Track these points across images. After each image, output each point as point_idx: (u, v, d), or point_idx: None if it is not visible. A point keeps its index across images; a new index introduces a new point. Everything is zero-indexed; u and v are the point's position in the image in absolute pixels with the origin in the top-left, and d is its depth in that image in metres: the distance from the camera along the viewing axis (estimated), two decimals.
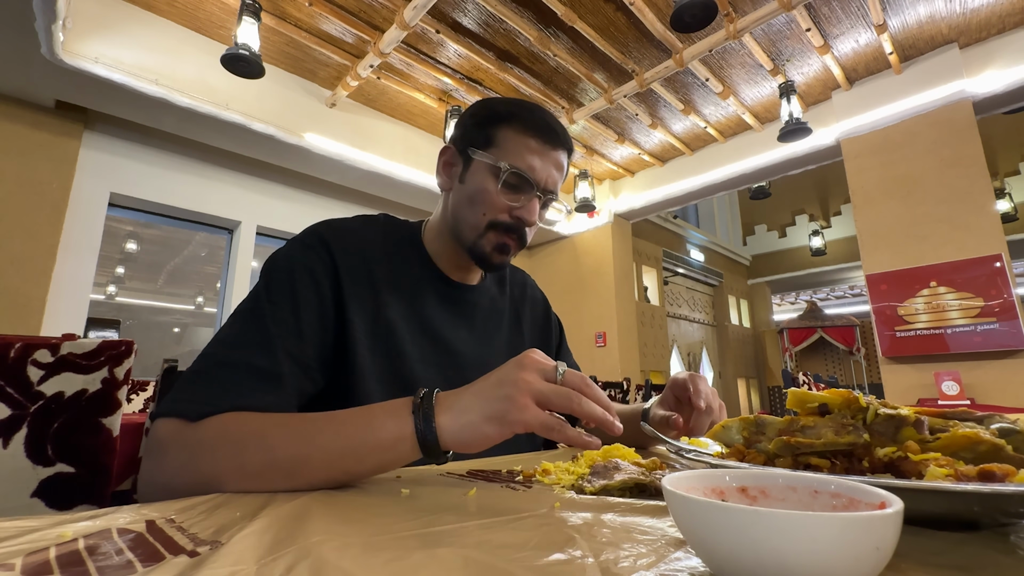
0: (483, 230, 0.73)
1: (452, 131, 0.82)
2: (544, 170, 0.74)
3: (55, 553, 0.28)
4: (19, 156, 2.85)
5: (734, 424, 0.49)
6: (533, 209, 0.73)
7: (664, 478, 0.28)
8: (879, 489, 0.26)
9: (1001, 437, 0.38)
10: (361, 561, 0.27)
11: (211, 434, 0.50)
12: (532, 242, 5.68)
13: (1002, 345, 3.00)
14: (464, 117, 0.79)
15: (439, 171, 0.80)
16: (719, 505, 0.23)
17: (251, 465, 0.48)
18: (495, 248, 0.74)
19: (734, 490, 0.30)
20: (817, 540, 0.21)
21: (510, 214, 0.73)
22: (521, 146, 0.73)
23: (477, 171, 0.74)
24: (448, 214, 0.78)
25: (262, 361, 0.57)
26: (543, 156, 0.74)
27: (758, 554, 0.22)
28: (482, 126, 0.75)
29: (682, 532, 0.27)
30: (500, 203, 0.72)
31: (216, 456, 0.49)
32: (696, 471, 0.31)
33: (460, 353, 0.76)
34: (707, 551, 0.24)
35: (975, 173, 3.19)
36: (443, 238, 0.79)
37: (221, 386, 0.54)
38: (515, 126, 0.74)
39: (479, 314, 0.82)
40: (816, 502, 0.28)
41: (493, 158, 0.72)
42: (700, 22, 2.36)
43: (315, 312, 0.63)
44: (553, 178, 0.75)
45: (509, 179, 0.72)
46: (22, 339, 0.69)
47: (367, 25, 3.02)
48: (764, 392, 8.23)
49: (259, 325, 0.59)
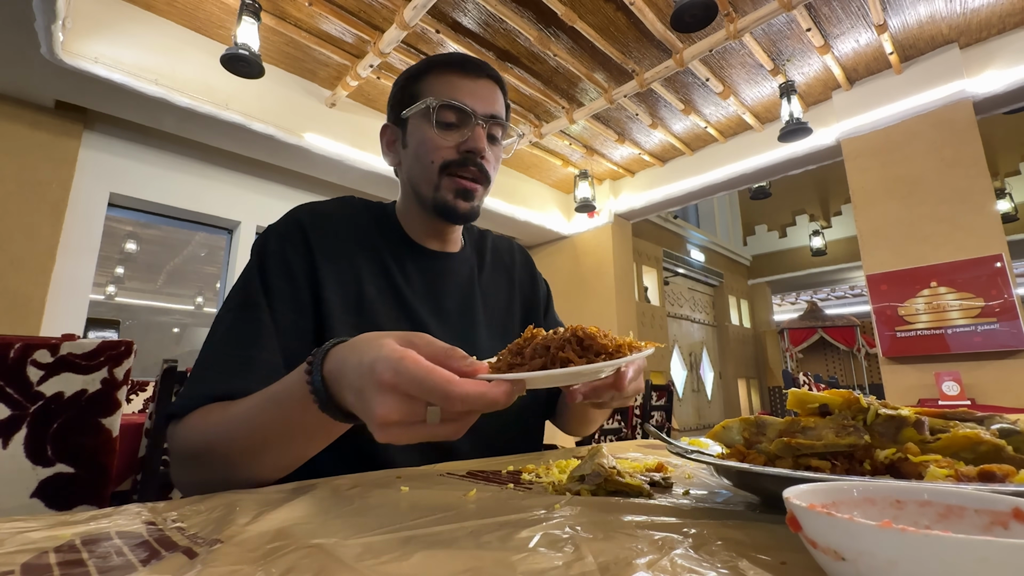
0: (437, 178, 0.73)
1: (387, 114, 0.81)
2: (474, 95, 0.73)
3: (55, 554, 0.28)
4: (19, 156, 2.85)
5: (735, 425, 0.48)
6: (478, 136, 0.72)
7: (791, 498, 0.24)
8: (1001, 495, 0.24)
9: (1002, 438, 0.38)
10: (361, 561, 0.27)
11: (185, 436, 0.55)
12: (532, 242, 5.68)
13: (1003, 345, 3.00)
14: (391, 93, 0.80)
15: (384, 152, 0.81)
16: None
17: (216, 468, 0.52)
18: (456, 194, 0.73)
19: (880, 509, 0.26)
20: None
21: (457, 150, 0.72)
22: (444, 84, 0.73)
23: (414, 127, 0.75)
24: (406, 185, 0.79)
25: (238, 353, 0.60)
26: (470, 86, 0.73)
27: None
28: (405, 87, 0.76)
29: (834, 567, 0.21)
30: (443, 142, 0.72)
31: (189, 458, 0.55)
32: (819, 485, 0.27)
33: (438, 321, 0.76)
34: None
35: (975, 173, 3.19)
36: (411, 211, 0.79)
37: (201, 382, 0.58)
38: (433, 72, 0.74)
39: (459, 281, 0.82)
40: (965, 520, 0.25)
41: (423, 105, 0.72)
42: (700, 22, 2.36)
43: (288, 301, 0.65)
44: (487, 101, 0.74)
45: (442, 116, 0.71)
46: (22, 339, 0.69)
47: (367, 25, 3.02)
48: (764, 392, 8.23)
49: (236, 320, 0.62)
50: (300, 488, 0.47)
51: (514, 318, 0.89)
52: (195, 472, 0.55)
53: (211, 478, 0.52)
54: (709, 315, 7.64)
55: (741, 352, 7.89)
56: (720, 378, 7.45)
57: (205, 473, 0.53)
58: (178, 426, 0.56)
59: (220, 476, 0.52)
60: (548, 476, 0.53)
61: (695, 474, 0.57)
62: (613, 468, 0.48)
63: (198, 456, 0.53)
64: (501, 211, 4.70)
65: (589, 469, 0.48)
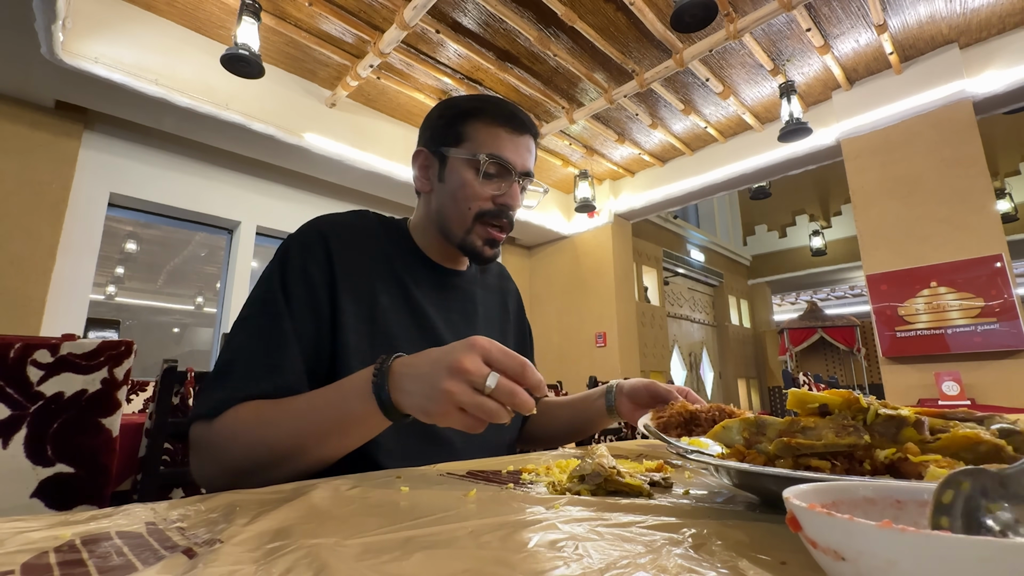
0: (471, 223, 0.77)
1: (420, 134, 0.85)
2: (518, 155, 0.78)
3: (55, 554, 0.28)
4: (19, 156, 2.85)
5: (735, 425, 0.48)
6: (515, 194, 0.78)
7: (791, 498, 0.23)
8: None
9: (1001, 438, 0.38)
10: (361, 561, 0.27)
11: (225, 432, 0.58)
12: (532, 242, 5.68)
13: (1002, 345, 3.00)
14: (431, 119, 0.82)
15: (416, 175, 0.83)
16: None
17: (261, 457, 0.56)
18: (485, 242, 0.78)
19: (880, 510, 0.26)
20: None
21: (494, 202, 0.77)
22: (493, 136, 0.76)
23: (455, 168, 0.77)
24: (432, 213, 0.81)
25: (265, 358, 0.63)
26: (514, 142, 0.77)
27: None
28: (452, 124, 0.78)
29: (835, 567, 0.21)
30: (483, 193, 0.76)
31: (232, 454, 0.57)
32: (820, 486, 0.27)
33: (448, 334, 0.79)
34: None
35: (975, 173, 3.19)
36: (429, 234, 0.82)
37: (232, 384, 0.61)
38: (483, 119, 0.77)
39: (467, 297, 0.86)
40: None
41: (469, 152, 0.76)
42: (700, 22, 2.36)
43: (310, 312, 0.68)
44: (527, 161, 0.79)
45: (488, 168, 0.75)
46: (22, 339, 0.69)
47: (367, 25, 3.02)
48: (764, 392, 8.23)
49: (261, 326, 0.65)
50: (300, 488, 0.47)
51: (507, 336, 0.95)
52: (229, 466, 0.57)
53: (247, 470, 0.56)
54: (709, 315, 7.64)
55: (741, 352, 7.89)
56: (720, 378, 7.45)
57: (242, 466, 0.56)
58: (213, 424, 0.58)
59: (259, 469, 0.56)
60: (548, 476, 0.53)
61: (695, 474, 0.57)
62: (613, 468, 0.48)
63: (242, 449, 0.56)
64: None
65: (589, 469, 0.48)
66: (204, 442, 0.59)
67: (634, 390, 0.81)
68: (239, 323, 0.66)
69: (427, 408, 0.49)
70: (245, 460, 0.56)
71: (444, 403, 0.48)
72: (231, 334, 0.66)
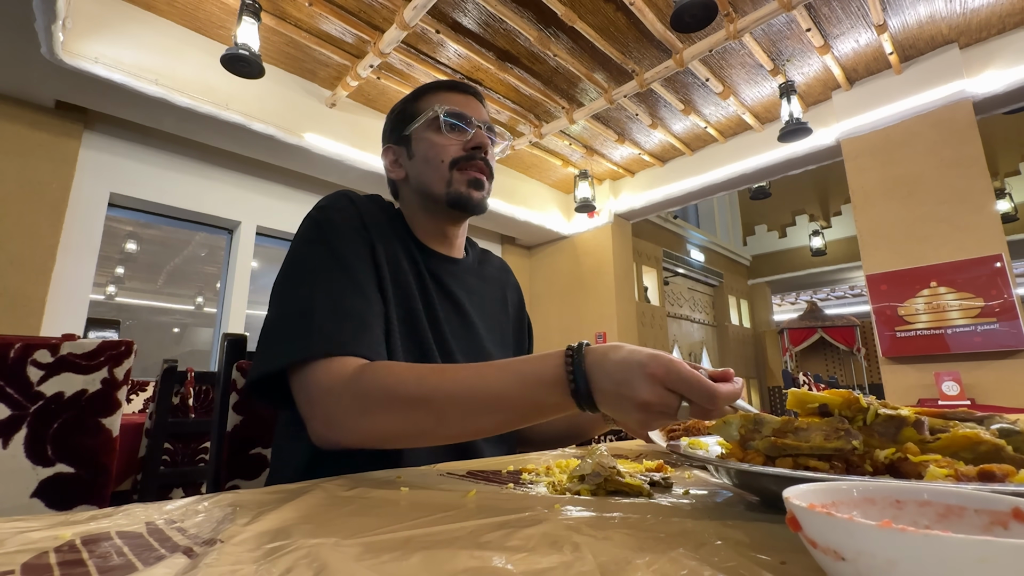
0: (449, 174, 0.80)
1: (383, 139, 0.90)
2: (470, 108, 0.83)
3: (55, 554, 0.28)
4: (19, 156, 2.85)
5: (734, 420, 0.48)
6: (481, 135, 0.81)
7: (791, 498, 0.24)
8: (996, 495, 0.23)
9: (1001, 437, 0.38)
10: (361, 561, 0.27)
11: (378, 390, 0.56)
12: (532, 242, 5.68)
13: (1002, 345, 3.00)
14: (388, 119, 0.88)
15: (389, 171, 0.87)
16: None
17: (422, 425, 0.55)
18: (469, 184, 0.80)
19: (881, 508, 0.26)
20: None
21: (464, 148, 0.80)
22: (442, 99, 0.82)
23: (419, 138, 0.82)
24: (414, 192, 0.84)
25: (368, 312, 0.65)
26: (464, 99, 0.83)
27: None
28: (404, 110, 0.85)
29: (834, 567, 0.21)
30: (451, 143, 0.80)
31: (390, 416, 0.55)
32: (817, 485, 0.27)
33: (440, 316, 0.80)
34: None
35: (975, 173, 3.19)
36: (419, 217, 0.84)
37: (351, 331, 0.61)
38: (429, 92, 0.84)
39: (460, 284, 0.87)
40: (964, 520, 0.25)
41: (426, 117, 0.81)
42: (700, 22, 2.36)
43: (369, 267, 0.70)
44: (481, 113, 0.84)
45: (448, 121, 0.80)
46: (22, 339, 0.69)
47: (367, 25, 3.02)
48: (764, 392, 8.23)
49: (344, 278, 0.66)
50: (300, 488, 0.47)
51: (507, 326, 0.95)
52: (381, 428, 0.56)
53: (397, 435, 0.56)
54: (709, 315, 7.64)
55: (741, 352, 7.89)
56: None
57: (394, 431, 0.56)
58: (360, 376, 0.57)
59: (410, 437, 0.57)
60: (548, 476, 0.53)
61: (695, 474, 0.57)
62: (613, 468, 0.48)
63: (403, 412, 0.55)
64: (501, 211, 4.70)
65: (589, 469, 0.48)
66: (346, 393, 0.56)
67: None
68: (305, 274, 0.66)
69: (624, 412, 0.48)
70: (404, 426, 0.55)
71: (645, 419, 0.47)
72: (297, 284, 0.65)
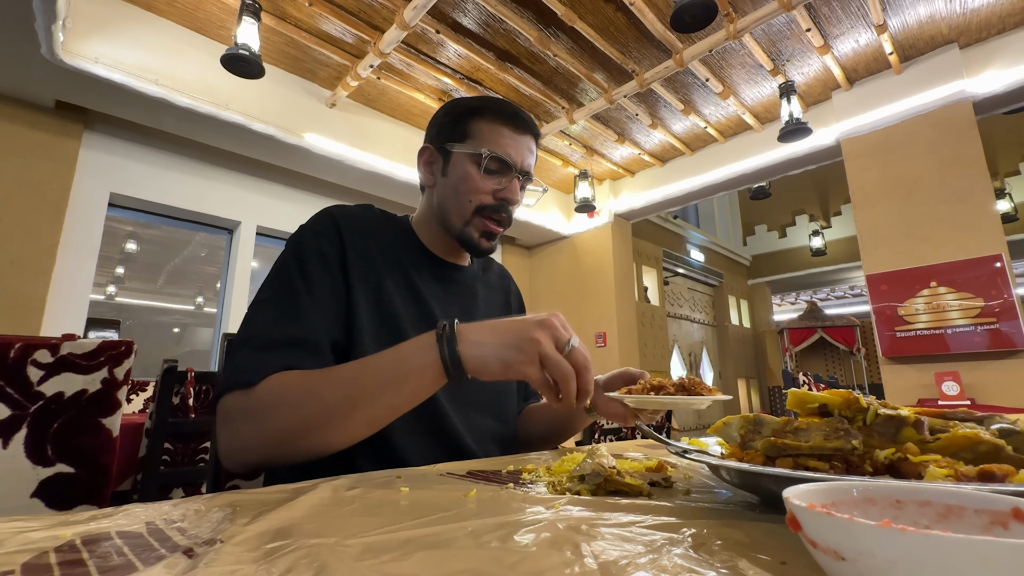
0: (470, 216, 0.79)
1: (427, 131, 0.88)
2: (519, 153, 0.80)
3: (55, 554, 0.28)
4: (19, 156, 2.85)
5: (735, 421, 0.48)
6: (515, 189, 0.80)
7: (791, 498, 0.24)
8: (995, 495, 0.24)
9: (1001, 437, 0.38)
10: (361, 561, 0.27)
11: (268, 397, 0.58)
12: (532, 242, 5.68)
13: (1002, 345, 3.00)
14: (437, 117, 0.85)
15: (420, 170, 0.86)
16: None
17: (310, 417, 0.56)
18: (482, 234, 0.80)
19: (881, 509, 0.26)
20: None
21: (494, 196, 0.79)
22: (495, 134, 0.79)
23: (458, 163, 0.80)
24: (434, 207, 0.83)
25: (298, 332, 0.64)
26: (516, 141, 0.80)
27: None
28: (457, 122, 0.81)
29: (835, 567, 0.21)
30: (484, 187, 0.79)
31: (278, 415, 0.57)
32: (818, 485, 0.27)
33: (472, 318, 0.80)
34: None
35: (975, 173, 3.19)
36: (432, 228, 0.85)
37: (270, 356, 0.61)
38: (487, 117, 0.80)
39: (467, 291, 0.88)
40: (965, 520, 0.24)
41: (472, 148, 0.78)
42: (700, 22, 2.36)
43: (328, 291, 0.70)
44: (527, 160, 0.82)
45: (489, 164, 0.78)
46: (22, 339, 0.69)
47: (367, 25, 3.02)
48: (764, 392, 8.22)
49: (289, 304, 0.67)
50: (300, 488, 0.47)
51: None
52: (272, 433, 0.57)
53: (291, 436, 0.56)
54: (709, 315, 7.64)
55: (741, 352, 7.89)
56: (720, 378, 7.44)
57: (288, 430, 0.56)
58: (255, 390, 0.58)
59: (304, 434, 0.56)
60: (548, 476, 0.53)
61: (695, 474, 0.57)
62: (613, 468, 0.48)
63: (290, 410, 0.56)
64: None
65: (589, 469, 0.48)
66: (241, 410, 0.58)
67: (610, 380, 0.81)
68: (259, 304, 0.67)
69: (506, 357, 0.53)
70: (293, 421, 0.56)
71: (529, 351, 0.53)
72: (252, 312, 0.67)
